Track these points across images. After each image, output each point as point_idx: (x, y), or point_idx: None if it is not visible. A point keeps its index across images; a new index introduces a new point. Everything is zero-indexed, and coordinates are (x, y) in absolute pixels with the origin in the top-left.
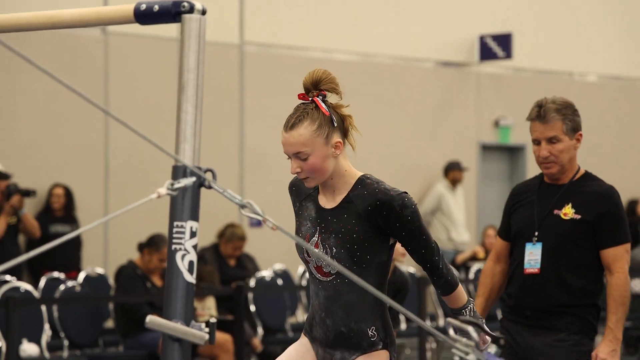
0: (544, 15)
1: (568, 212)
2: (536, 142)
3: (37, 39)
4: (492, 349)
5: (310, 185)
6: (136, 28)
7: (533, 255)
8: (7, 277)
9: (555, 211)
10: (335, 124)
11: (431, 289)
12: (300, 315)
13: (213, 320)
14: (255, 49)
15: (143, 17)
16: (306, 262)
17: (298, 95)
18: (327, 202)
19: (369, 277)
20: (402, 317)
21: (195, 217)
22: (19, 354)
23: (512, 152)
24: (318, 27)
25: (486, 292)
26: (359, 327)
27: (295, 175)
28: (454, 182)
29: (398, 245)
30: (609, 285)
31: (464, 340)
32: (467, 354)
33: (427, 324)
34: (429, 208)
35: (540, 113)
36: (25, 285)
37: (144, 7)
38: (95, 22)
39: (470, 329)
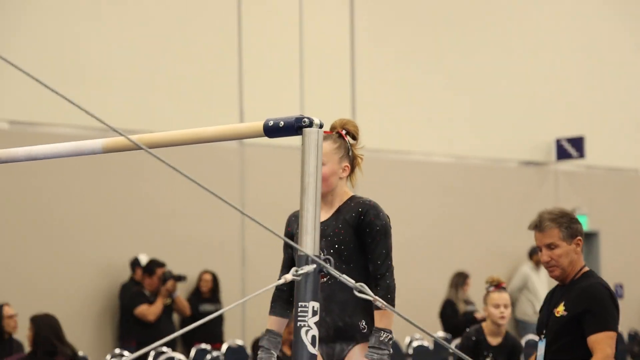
0: (611, 119)
1: (560, 310)
2: (538, 249)
3: (183, 149)
4: None
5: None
6: (267, 139)
7: (540, 351)
8: (164, 349)
9: (554, 309)
10: (350, 154)
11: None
12: None
13: None
14: (365, 153)
15: (271, 131)
16: None
17: (324, 131)
18: (322, 216)
19: (356, 276)
20: None
21: (316, 298)
22: None
23: (588, 238)
24: (419, 133)
25: None
26: (352, 321)
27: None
28: (537, 264)
29: (495, 310)
30: None
31: None
32: None
33: None
34: (516, 286)
35: (537, 224)
36: (179, 356)
37: (271, 123)
38: (232, 137)
39: None
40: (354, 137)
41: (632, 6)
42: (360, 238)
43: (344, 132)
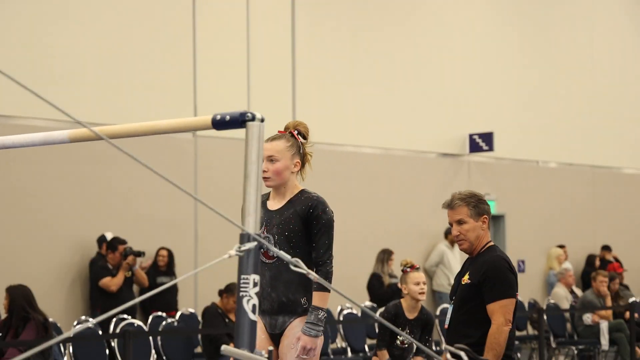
0: (516, 117)
1: (465, 278)
2: (450, 225)
3: (144, 139)
4: None
5: (268, 184)
6: (218, 132)
7: (449, 314)
8: (125, 316)
9: (461, 279)
10: (300, 151)
11: (437, 322)
12: (340, 342)
13: (270, 348)
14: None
15: (218, 124)
16: None
17: (278, 130)
18: (274, 205)
19: (302, 260)
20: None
21: (256, 271)
22: None
23: (495, 220)
24: (351, 127)
25: None
26: (294, 298)
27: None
28: (452, 242)
29: (415, 287)
30: (488, 333)
31: None
32: None
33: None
34: (434, 262)
35: (449, 203)
36: (137, 322)
37: (218, 117)
38: (184, 129)
39: (462, 353)
40: (304, 137)
41: (533, 15)
42: (307, 228)
43: (295, 132)
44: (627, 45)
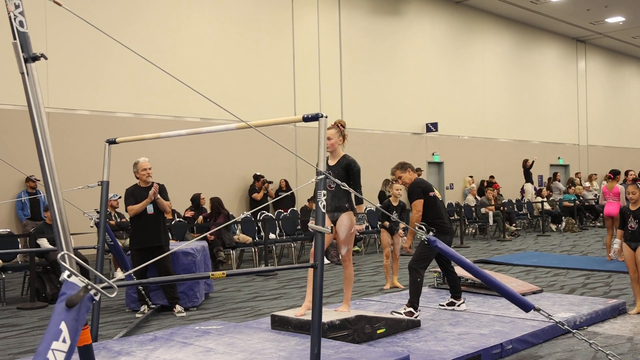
0: (447, 114)
1: (407, 196)
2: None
3: (267, 128)
4: (430, 233)
5: (328, 150)
6: (305, 123)
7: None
8: (264, 211)
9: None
10: (342, 135)
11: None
12: (366, 223)
13: (331, 226)
14: (348, 131)
15: (305, 119)
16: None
17: (332, 124)
18: (332, 162)
19: (343, 189)
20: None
21: (325, 188)
22: (269, 237)
23: (438, 165)
24: (367, 119)
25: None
26: (341, 204)
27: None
28: (420, 176)
29: (397, 191)
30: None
31: (421, 230)
32: (422, 235)
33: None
34: None
35: (392, 171)
36: (269, 214)
37: (305, 116)
38: (289, 122)
39: (423, 227)
40: (344, 127)
41: (454, 53)
42: (347, 174)
43: (340, 125)
44: (502, 68)
